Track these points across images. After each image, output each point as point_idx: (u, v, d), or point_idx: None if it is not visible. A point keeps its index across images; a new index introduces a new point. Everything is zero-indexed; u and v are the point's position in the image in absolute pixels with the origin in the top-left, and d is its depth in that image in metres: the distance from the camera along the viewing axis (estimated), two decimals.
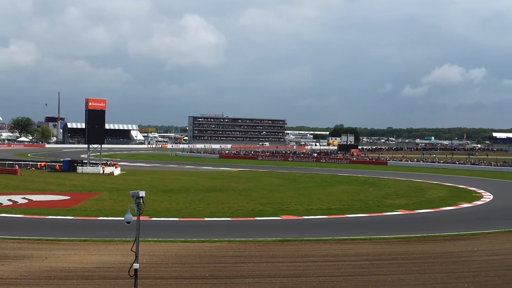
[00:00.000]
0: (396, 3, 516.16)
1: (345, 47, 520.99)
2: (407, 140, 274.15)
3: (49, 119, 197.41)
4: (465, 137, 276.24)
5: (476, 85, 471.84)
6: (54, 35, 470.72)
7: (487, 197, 44.69)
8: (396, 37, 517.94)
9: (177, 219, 30.62)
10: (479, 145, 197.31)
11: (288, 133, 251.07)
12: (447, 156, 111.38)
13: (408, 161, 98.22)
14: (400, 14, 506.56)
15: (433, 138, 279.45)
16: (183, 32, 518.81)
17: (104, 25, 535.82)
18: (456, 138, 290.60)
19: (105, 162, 66.85)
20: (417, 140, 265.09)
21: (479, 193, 47.55)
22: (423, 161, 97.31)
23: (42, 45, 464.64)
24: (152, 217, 29.69)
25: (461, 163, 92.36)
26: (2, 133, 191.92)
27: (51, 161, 71.42)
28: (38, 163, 68.92)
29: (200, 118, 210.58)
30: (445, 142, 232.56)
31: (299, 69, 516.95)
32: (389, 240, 25.21)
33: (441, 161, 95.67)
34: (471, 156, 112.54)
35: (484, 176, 69.95)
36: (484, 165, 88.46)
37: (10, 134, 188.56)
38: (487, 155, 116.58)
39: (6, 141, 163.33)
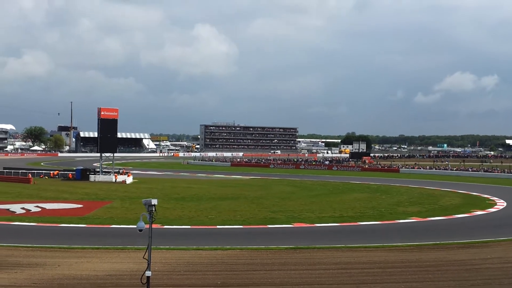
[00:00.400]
0: (405, 11, 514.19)
1: (355, 55, 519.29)
2: (419, 148, 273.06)
3: (61, 128, 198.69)
4: (477, 144, 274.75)
5: (488, 93, 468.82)
6: (66, 45, 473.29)
7: (501, 204, 44.36)
8: (407, 45, 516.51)
9: (189, 227, 30.66)
10: (492, 152, 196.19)
11: (299, 141, 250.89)
12: (460, 163, 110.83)
13: (420, 168, 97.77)
14: (409, 22, 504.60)
15: (445, 145, 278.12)
16: (194, 42, 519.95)
17: (116, 35, 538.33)
18: (469, 145, 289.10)
19: (117, 170, 67.12)
20: (430, 148, 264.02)
21: (493, 200, 47.23)
22: (436, 169, 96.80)
23: (55, 55, 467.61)
24: (164, 225, 29.74)
25: (474, 171, 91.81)
26: (16, 142, 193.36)
27: (64, 170, 71.86)
28: (51, 172, 69.43)
29: (212, 126, 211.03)
30: (458, 150, 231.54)
31: (310, 77, 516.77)
32: (402, 247, 25.07)
33: (454, 169, 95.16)
34: (484, 164, 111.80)
35: (497, 183, 69.48)
36: (498, 172, 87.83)
37: (23, 143, 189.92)
38: (501, 162, 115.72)
39: (19, 150, 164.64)
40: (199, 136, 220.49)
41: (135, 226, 14.24)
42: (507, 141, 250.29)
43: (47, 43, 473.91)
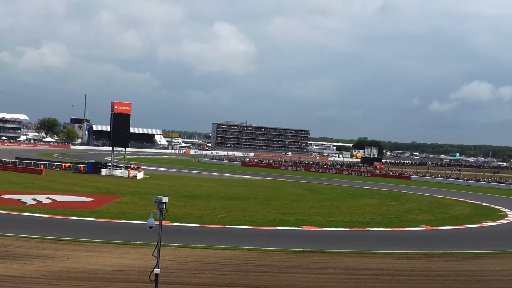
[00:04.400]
0: (427, 17, 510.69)
1: (373, 59, 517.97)
2: (431, 155, 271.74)
3: (75, 121, 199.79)
4: (490, 154, 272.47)
5: (505, 103, 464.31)
6: (85, 38, 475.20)
7: None
8: (426, 51, 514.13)
9: (199, 225, 30.68)
10: (504, 163, 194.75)
11: (311, 144, 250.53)
12: (458, 171, 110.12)
13: (432, 176, 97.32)
14: (430, 28, 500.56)
15: (458, 154, 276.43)
16: (213, 39, 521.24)
17: (135, 29, 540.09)
18: (482, 155, 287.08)
19: (128, 165, 67.36)
20: (442, 156, 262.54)
21: (504, 211, 46.89)
22: (447, 177, 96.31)
23: (73, 47, 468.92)
24: (173, 222, 29.78)
25: (486, 181, 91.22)
26: (29, 133, 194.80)
27: (76, 162, 72.29)
28: (63, 164, 69.84)
29: (224, 125, 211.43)
30: (470, 159, 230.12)
31: (325, 80, 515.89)
32: (410, 255, 24.96)
33: (466, 178, 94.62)
34: (496, 174, 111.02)
35: (509, 194, 68.94)
36: (509, 183, 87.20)
37: (36, 134, 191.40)
38: None
39: (32, 141, 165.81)
40: (211, 135, 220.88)
41: (145, 222, 14.28)
42: None
43: (66, 34, 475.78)
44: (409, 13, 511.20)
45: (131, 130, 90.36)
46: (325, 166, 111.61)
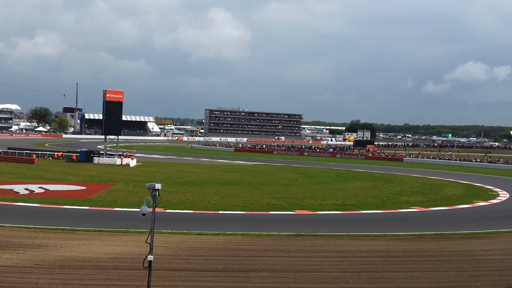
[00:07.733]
0: None
1: (369, 42, 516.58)
2: (424, 137, 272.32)
3: (67, 110, 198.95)
4: (482, 135, 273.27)
5: (499, 83, 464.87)
6: (80, 27, 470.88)
7: (503, 195, 44.32)
8: (422, 33, 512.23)
9: (192, 211, 30.73)
10: (496, 143, 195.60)
11: (304, 128, 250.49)
12: (454, 152, 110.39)
13: (424, 158, 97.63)
14: (427, 9, 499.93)
15: (450, 135, 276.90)
16: (208, 26, 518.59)
17: (131, 17, 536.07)
18: (474, 135, 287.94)
19: (121, 153, 67.21)
20: (434, 137, 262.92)
21: (495, 191, 47.18)
22: (439, 159, 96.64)
23: (67, 36, 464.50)
24: (166, 209, 29.81)
25: (478, 161, 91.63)
26: (20, 123, 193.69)
27: (68, 151, 71.95)
28: (55, 153, 69.56)
29: (217, 111, 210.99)
30: (462, 140, 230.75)
31: (319, 64, 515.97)
32: (403, 237, 25.16)
33: (458, 159, 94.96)
34: (487, 154, 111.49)
35: (501, 174, 69.33)
36: (501, 163, 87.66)
37: (28, 123, 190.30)
38: None
39: (24, 131, 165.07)
40: (203, 121, 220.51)
41: (138, 210, 14.29)
42: None
43: (62, 23, 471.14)
44: None
45: (124, 118, 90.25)
46: (318, 150, 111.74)
